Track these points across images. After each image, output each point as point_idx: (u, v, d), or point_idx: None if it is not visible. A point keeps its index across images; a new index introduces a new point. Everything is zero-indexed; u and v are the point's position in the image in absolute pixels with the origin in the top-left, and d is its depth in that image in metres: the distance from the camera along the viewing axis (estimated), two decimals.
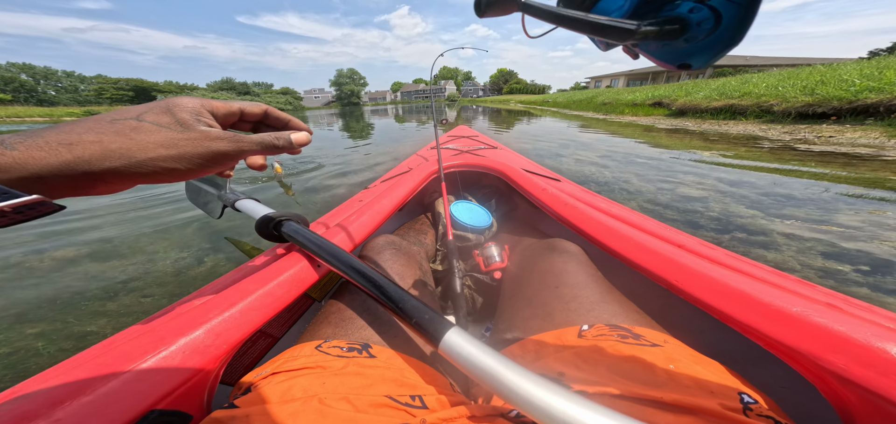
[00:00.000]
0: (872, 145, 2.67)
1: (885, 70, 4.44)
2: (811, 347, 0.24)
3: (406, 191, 0.65)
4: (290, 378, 0.26)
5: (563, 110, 11.48)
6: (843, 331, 0.23)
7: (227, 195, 0.56)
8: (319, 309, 0.38)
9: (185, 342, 0.26)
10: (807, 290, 0.30)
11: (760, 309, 0.27)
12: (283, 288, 0.34)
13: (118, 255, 1.32)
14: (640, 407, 0.22)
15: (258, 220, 0.42)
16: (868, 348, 0.22)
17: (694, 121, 5.60)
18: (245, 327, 0.29)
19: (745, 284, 0.29)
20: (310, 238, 0.38)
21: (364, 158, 3.19)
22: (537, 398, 0.19)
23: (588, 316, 0.33)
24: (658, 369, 0.25)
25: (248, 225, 1.52)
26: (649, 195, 1.76)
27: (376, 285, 0.31)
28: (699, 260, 0.35)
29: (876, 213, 1.34)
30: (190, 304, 0.31)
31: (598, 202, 0.59)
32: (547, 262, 0.44)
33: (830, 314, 0.25)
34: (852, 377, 0.22)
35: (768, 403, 0.23)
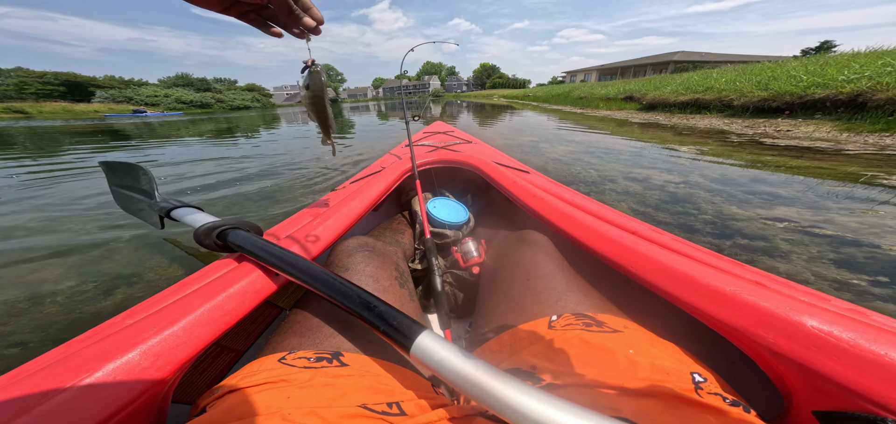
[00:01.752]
0: (828, 138, 2.70)
1: (826, 67, 4.58)
2: (745, 323, 0.24)
3: (378, 191, 0.60)
4: (250, 394, 0.23)
5: (543, 105, 11.39)
6: (769, 307, 0.24)
7: (160, 202, 0.50)
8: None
9: (114, 366, 0.22)
10: (738, 269, 0.31)
11: (702, 289, 0.27)
12: (234, 300, 0.30)
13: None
14: (605, 395, 0.23)
15: (198, 229, 0.37)
16: (789, 321, 0.22)
17: (664, 115, 5.63)
18: (193, 343, 0.26)
19: (688, 266, 0.30)
20: (261, 247, 0.34)
21: (343, 158, 2.85)
22: (508, 399, 0.19)
23: (556, 305, 0.33)
24: (619, 355, 0.25)
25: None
26: (639, 197, 1.62)
27: (340, 292, 0.28)
28: (649, 244, 0.34)
29: (869, 213, 1.27)
30: (119, 325, 0.26)
31: (563, 192, 0.59)
32: (518, 254, 0.43)
33: (758, 291, 0.25)
34: (782, 350, 0.22)
35: (718, 380, 0.24)
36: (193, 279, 0.35)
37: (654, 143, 2.94)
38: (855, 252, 0.97)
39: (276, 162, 2.79)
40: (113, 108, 25.30)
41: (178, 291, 0.32)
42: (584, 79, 29.24)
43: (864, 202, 1.36)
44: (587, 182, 1.92)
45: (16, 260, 1.10)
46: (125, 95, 29.88)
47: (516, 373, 0.28)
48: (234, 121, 10.24)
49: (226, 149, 3.70)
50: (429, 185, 0.81)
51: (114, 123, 11.17)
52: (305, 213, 0.56)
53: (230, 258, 0.37)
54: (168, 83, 38.33)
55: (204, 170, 2.63)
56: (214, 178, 2.29)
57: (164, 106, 29.08)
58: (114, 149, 4.25)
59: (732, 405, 0.21)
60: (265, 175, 2.36)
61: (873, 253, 0.96)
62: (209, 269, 0.36)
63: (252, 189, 1.98)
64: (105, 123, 11.31)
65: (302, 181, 2.16)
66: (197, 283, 0.33)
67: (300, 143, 3.98)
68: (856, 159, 2.03)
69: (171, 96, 31.23)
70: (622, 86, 8.62)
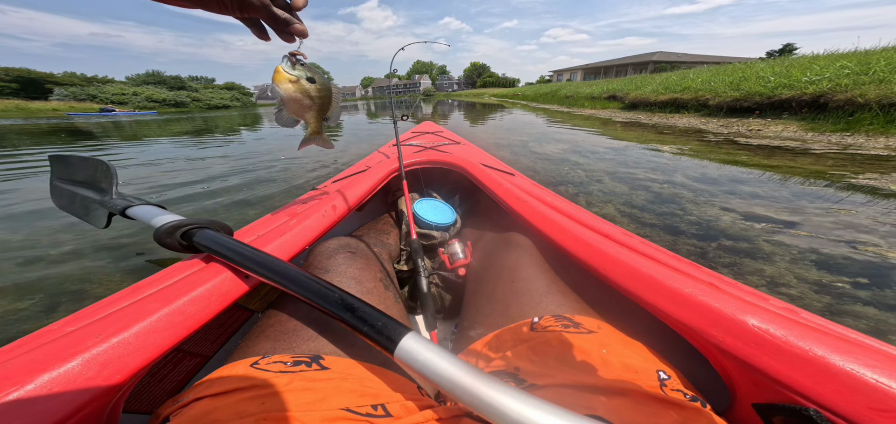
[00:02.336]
0: (795, 138, 2.81)
1: (791, 68, 4.79)
2: (699, 322, 0.25)
3: (362, 190, 0.59)
4: (220, 401, 0.21)
5: (531, 103, 11.45)
6: (718, 307, 0.25)
7: (115, 200, 0.47)
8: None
9: (49, 377, 0.20)
10: (695, 271, 0.33)
11: (664, 291, 0.28)
12: (198, 304, 0.28)
13: None
14: (581, 394, 0.24)
15: (159, 229, 0.34)
16: (734, 321, 0.24)
17: (645, 114, 5.75)
18: (148, 350, 0.24)
19: (652, 268, 0.31)
20: (230, 247, 0.32)
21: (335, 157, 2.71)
22: (491, 400, 0.19)
23: (538, 308, 0.34)
24: (594, 355, 0.26)
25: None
26: (625, 197, 1.60)
27: (318, 294, 0.27)
28: (619, 247, 0.36)
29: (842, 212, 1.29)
30: (57, 333, 0.24)
31: (545, 195, 0.59)
32: (503, 256, 0.44)
33: (711, 292, 0.27)
34: (727, 347, 0.23)
35: (679, 377, 0.25)
36: (150, 282, 0.32)
37: (637, 143, 2.98)
38: (833, 252, 0.98)
39: (255, 162, 2.60)
40: (74, 106, 23.43)
41: (130, 295, 0.29)
42: (569, 78, 29.74)
43: (836, 201, 1.39)
44: (575, 182, 1.90)
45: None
46: (88, 93, 27.57)
47: (501, 374, 0.28)
48: (212, 120, 9.74)
49: (199, 149, 3.44)
50: (416, 186, 0.78)
51: (77, 122, 10.36)
52: (282, 213, 0.53)
53: (196, 259, 0.34)
54: (137, 81, 35.18)
55: (176, 169, 2.44)
56: (186, 178, 2.11)
57: (134, 104, 27.22)
58: (81, 149, 3.88)
59: (692, 400, 0.23)
60: (241, 173, 2.21)
61: (850, 254, 0.96)
62: (170, 271, 0.33)
63: (224, 187, 1.84)
64: (69, 123, 10.43)
65: (281, 179, 2.03)
66: (154, 286, 0.30)
67: (282, 143, 3.77)
68: (822, 158, 2.11)
69: (141, 94, 29.06)
70: (606, 86, 8.78)
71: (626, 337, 0.29)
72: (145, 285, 0.31)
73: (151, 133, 5.71)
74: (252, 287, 0.33)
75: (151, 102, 28.32)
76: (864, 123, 2.64)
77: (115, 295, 0.30)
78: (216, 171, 2.39)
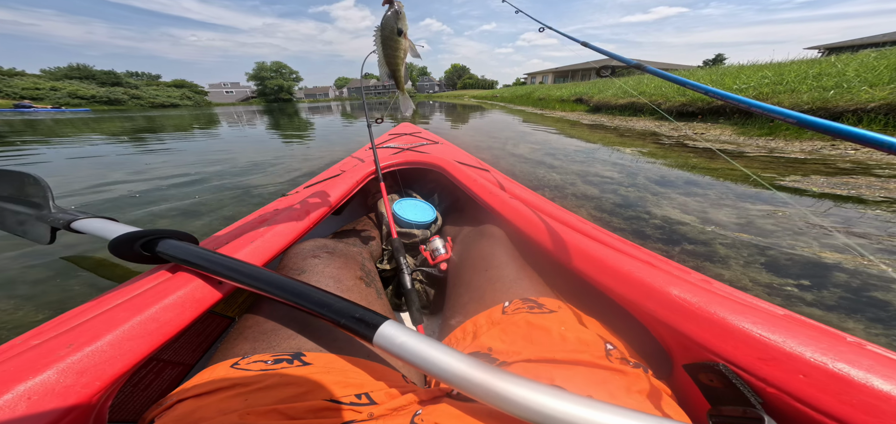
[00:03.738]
0: (731, 142, 3.08)
1: (724, 77, 5.30)
2: (637, 296, 0.28)
3: (337, 194, 0.57)
4: (202, 401, 0.22)
5: (509, 105, 11.60)
6: (650, 281, 0.28)
7: (55, 214, 0.44)
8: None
9: (27, 387, 0.20)
10: (635, 251, 0.37)
11: (608, 269, 0.31)
12: (172, 311, 0.27)
13: None
14: (543, 367, 0.26)
15: (115, 240, 0.32)
16: (662, 292, 0.27)
17: (608, 116, 6.05)
18: (125, 358, 0.24)
19: (598, 250, 0.33)
20: (199, 254, 0.31)
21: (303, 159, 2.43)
22: (465, 374, 0.21)
23: (508, 293, 0.36)
24: (554, 333, 0.29)
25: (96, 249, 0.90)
26: (596, 202, 1.61)
27: (295, 293, 0.27)
28: (574, 233, 0.38)
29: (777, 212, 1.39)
30: (25, 345, 0.24)
31: (515, 188, 0.63)
32: (479, 247, 0.46)
33: (646, 269, 0.29)
34: (660, 317, 0.26)
35: (625, 347, 0.28)
36: (116, 294, 0.30)
37: (603, 145, 3.09)
38: (777, 255, 1.02)
39: (210, 168, 2.25)
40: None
41: (96, 307, 0.28)
42: (542, 80, 30.79)
43: (774, 203, 1.50)
44: (552, 186, 1.89)
45: None
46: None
47: (477, 355, 0.29)
48: (156, 120, 8.46)
49: (142, 155, 2.91)
50: (394, 186, 0.78)
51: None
52: (252, 219, 0.52)
53: (162, 270, 0.33)
54: (57, 74, 29.26)
55: (116, 177, 2.01)
56: (137, 187, 1.73)
57: (52, 101, 22.66)
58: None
59: (635, 366, 0.25)
60: (197, 180, 1.89)
61: (791, 255, 1.01)
62: (137, 282, 0.31)
63: (179, 194, 1.54)
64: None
65: (244, 186, 1.78)
66: (122, 297, 0.29)
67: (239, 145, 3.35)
68: (755, 160, 2.32)
69: (61, 90, 24.20)
70: (573, 89, 9.14)
71: (582, 314, 0.32)
72: (111, 297, 0.30)
73: (75, 132, 4.78)
74: (225, 293, 0.32)
75: (76, 99, 23.86)
76: (782, 129, 2.95)
77: (78, 308, 0.30)
78: (164, 175, 2.01)
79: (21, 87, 23.35)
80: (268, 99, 49.14)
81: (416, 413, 0.22)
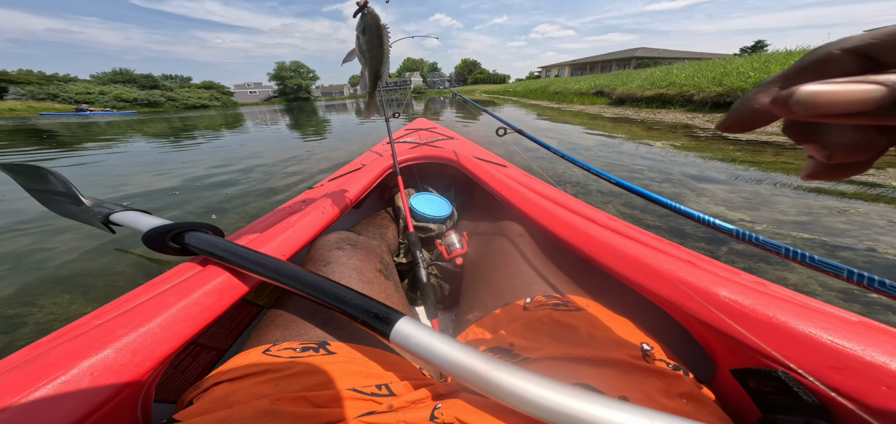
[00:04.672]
0: (779, 133, 2.77)
1: (769, 64, 4.82)
2: (678, 297, 0.27)
3: (359, 187, 0.58)
4: (237, 384, 0.23)
5: (522, 99, 11.32)
6: (695, 282, 0.27)
7: (93, 208, 0.48)
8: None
9: (90, 363, 0.22)
10: (674, 250, 0.35)
11: (644, 268, 0.30)
12: (211, 297, 0.30)
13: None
14: (570, 365, 0.25)
15: (147, 232, 0.35)
16: (709, 293, 0.26)
17: (633, 109, 5.72)
18: (171, 340, 0.26)
19: (634, 248, 0.32)
20: (225, 248, 0.33)
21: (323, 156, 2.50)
22: (483, 373, 0.21)
23: (530, 289, 0.35)
24: (582, 330, 0.28)
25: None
26: (626, 198, 1.50)
27: (314, 288, 0.28)
28: (604, 230, 0.37)
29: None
30: (88, 325, 0.27)
31: (535, 184, 0.60)
32: (497, 244, 0.45)
33: (689, 269, 0.28)
34: (705, 319, 0.25)
35: (663, 349, 0.27)
36: (162, 280, 0.33)
37: (629, 138, 2.91)
38: (853, 257, 0.89)
39: (246, 164, 2.39)
40: (33, 106, 21.46)
41: (147, 291, 0.31)
42: (557, 74, 29.78)
43: (844, 200, 1.32)
44: (573, 182, 1.79)
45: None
46: (47, 92, 25.21)
47: (496, 351, 0.29)
48: (190, 120, 9.17)
49: (182, 152, 3.14)
50: (411, 181, 0.78)
51: (48, 123, 9.47)
52: (280, 211, 0.55)
53: (192, 262, 0.35)
54: (103, 79, 32.41)
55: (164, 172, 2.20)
56: (175, 182, 1.87)
57: (101, 104, 25.36)
58: (58, 154, 3.47)
59: (674, 369, 0.24)
60: (235, 177, 2.01)
61: (870, 257, 0.88)
62: (176, 272, 0.33)
63: (221, 188, 1.67)
64: (45, 123, 9.62)
65: (274, 181, 1.86)
66: (167, 283, 0.31)
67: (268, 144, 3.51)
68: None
69: (108, 94, 26.89)
70: (593, 81, 8.74)
71: (613, 314, 0.30)
72: (158, 283, 0.32)
73: (125, 134, 5.25)
74: (253, 285, 0.34)
75: (121, 102, 26.44)
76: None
77: (132, 292, 0.32)
78: (199, 171, 2.15)
79: (75, 92, 26.17)
80: (288, 98, 51.29)
81: (435, 407, 0.22)
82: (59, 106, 23.33)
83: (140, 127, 6.96)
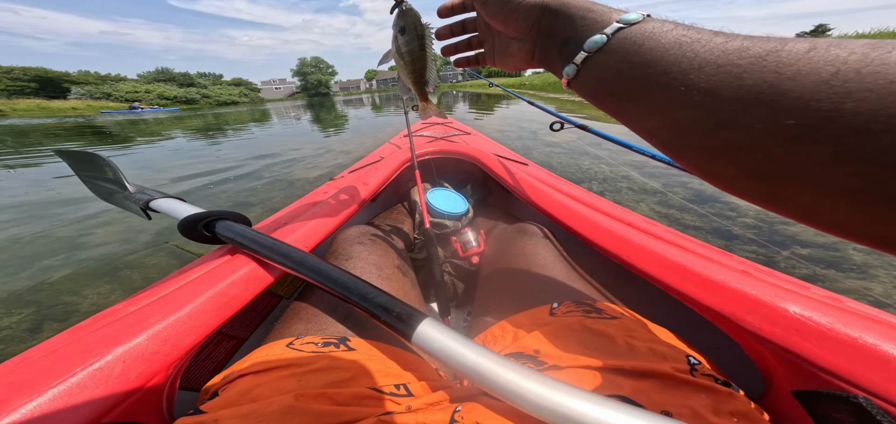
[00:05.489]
0: None
1: None
2: (733, 310, 0.25)
3: (378, 180, 0.58)
4: (262, 378, 0.23)
5: (540, 93, 10.94)
6: (754, 294, 0.25)
7: (135, 194, 0.49)
8: (288, 307, 0.34)
9: (123, 350, 0.23)
10: (726, 260, 0.32)
11: (693, 278, 0.29)
12: (237, 287, 0.30)
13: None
14: (606, 375, 0.23)
15: (182, 220, 0.36)
16: (773, 308, 0.24)
17: None
18: (199, 329, 0.26)
19: (680, 256, 0.31)
20: (252, 238, 0.33)
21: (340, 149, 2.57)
22: (509, 382, 0.20)
23: (557, 294, 0.33)
24: (619, 340, 0.25)
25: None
26: (660, 196, 1.39)
27: (338, 283, 0.28)
28: (644, 236, 0.36)
29: None
30: (123, 312, 0.27)
31: (561, 185, 0.59)
32: (519, 245, 0.43)
33: (744, 280, 0.26)
34: (765, 334, 0.23)
35: (710, 363, 0.24)
36: (191, 268, 0.34)
37: None
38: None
39: (274, 157, 2.56)
40: (91, 105, 24.05)
41: (178, 279, 0.32)
42: None
43: None
44: (599, 179, 1.69)
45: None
46: (102, 91, 28.00)
47: (519, 357, 0.27)
48: (221, 117, 9.91)
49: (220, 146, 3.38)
50: (427, 176, 0.77)
51: (105, 121, 11.35)
52: (304, 202, 0.56)
53: (221, 250, 0.36)
54: (148, 78, 35.44)
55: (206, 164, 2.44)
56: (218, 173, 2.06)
57: (147, 102, 27.84)
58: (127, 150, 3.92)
59: (723, 385, 0.22)
60: (264, 168, 2.19)
61: None
62: (205, 260, 0.35)
63: (252, 178, 1.81)
64: (105, 121, 11.98)
65: (298, 171, 1.98)
66: (196, 272, 0.32)
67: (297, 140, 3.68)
68: None
69: (152, 92, 29.36)
70: None
71: (652, 324, 0.28)
72: (189, 270, 0.33)
73: (169, 129, 5.79)
74: (277, 276, 0.34)
75: (163, 99, 28.78)
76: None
77: (164, 280, 0.33)
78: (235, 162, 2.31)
79: (125, 90, 28.96)
80: (309, 94, 53.51)
81: (455, 411, 0.21)
82: (112, 104, 26.20)
83: (180, 123, 7.63)
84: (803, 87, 0.12)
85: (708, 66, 0.14)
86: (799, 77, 0.12)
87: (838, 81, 0.11)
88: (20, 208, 1.68)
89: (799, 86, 0.12)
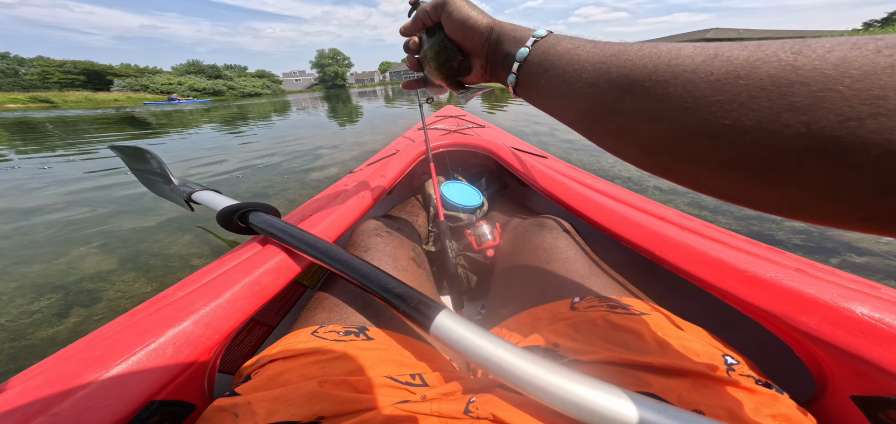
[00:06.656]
0: None
1: None
2: (785, 310, 0.24)
3: (394, 173, 0.60)
4: (289, 363, 0.25)
5: None
6: (813, 294, 0.24)
7: (179, 187, 0.52)
8: (313, 296, 0.37)
9: (173, 333, 0.25)
10: (777, 257, 0.31)
11: (737, 275, 0.27)
12: (270, 276, 0.32)
13: None
14: (632, 372, 0.22)
15: (220, 212, 0.38)
16: (835, 308, 0.23)
17: None
18: (237, 316, 0.28)
19: (722, 252, 0.30)
20: (283, 229, 0.35)
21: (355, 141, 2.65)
22: (528, 374, 0.20)
23: (578, 289, 0.33)
24: (647, 336, 0.25)
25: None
26: (691, 196, 1.31)
27: (361, 274, 0.29)
28: (680, 231, 0.35)
29: None
30: (172, 297, 0.30)
31: (583, 177, 0.57)
32: (537, 239, 0.42)
33: (800, 278, 0.25)
34: (823, 336, 0.22)
35: (748, 363, 0.24)
36: (228, 257, 0.36)
37: None
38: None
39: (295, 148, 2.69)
40: (131, 97, 25.99)
41: (218, 267, 0.34)
42: None
43: None
44: (624, 178, 1.62)
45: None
46: (141, 83, 30.04)
47: (536, 350, 0.27)
48: (246, 108, 10.36)
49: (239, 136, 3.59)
50: (442, 168, 0.77)
51: (146, 112, 12.49)
52: (325, 195, 0.58)
53: (254, 241, 0.37)
54: (180, 70, 37.53)
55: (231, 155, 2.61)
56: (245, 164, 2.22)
57: (180, 93, 29.76)
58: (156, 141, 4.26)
59: (764, 386, 0.21)
60: (288, 160, 2.30)
61: None
62: (239, 250, 0.37)
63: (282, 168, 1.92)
64: (145, 111, 12.92)
65: (320, 164, 2.07)
66: (233, 260, 0.34)
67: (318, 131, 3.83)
68: None
69: (184, 84, 31.31)
70: None
71: (683, 321, 0.27)
72: (226, 260, 0.35)
73: (197, 121, 6.24)
74: (304, 266, 0.35)
75: (194, 91, 30.59)
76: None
77: (206, 268, 0.35)
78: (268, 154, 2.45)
79: (160, 83, 30.93)
80: (327, 85, 54.97)
81: (469, 401, 0.22)
82: (150, 96, 28.39)
83: (208, 114, 8.14)
84: (642, 75, 0.15)
85: (588, 64, 0.18)
86: (636, 67, 0.16)
87: (658, 75, 0.15)
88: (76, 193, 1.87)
89: (639, 73, 0.16)
